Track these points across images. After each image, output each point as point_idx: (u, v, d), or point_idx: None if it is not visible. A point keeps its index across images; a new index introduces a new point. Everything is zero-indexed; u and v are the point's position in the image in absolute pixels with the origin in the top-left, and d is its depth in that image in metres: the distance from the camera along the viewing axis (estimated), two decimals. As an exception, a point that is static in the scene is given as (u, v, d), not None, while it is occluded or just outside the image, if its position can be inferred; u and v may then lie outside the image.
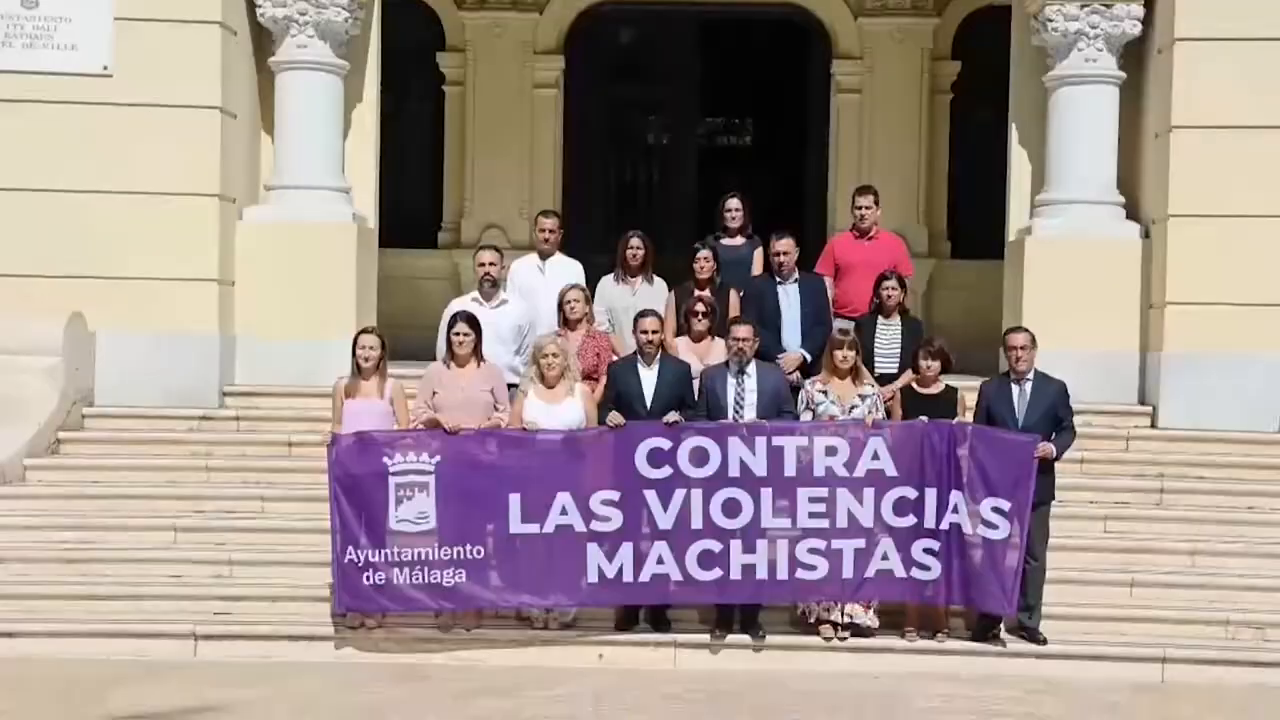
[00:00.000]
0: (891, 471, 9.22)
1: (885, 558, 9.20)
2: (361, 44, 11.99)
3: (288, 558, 9.81)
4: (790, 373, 10.13)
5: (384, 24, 12.32)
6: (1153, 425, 11.21)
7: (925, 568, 9.19)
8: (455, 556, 9.11)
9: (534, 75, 15.18)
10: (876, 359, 10.24)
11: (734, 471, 9.19)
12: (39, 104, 11.06)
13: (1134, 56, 11.68)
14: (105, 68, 11.09)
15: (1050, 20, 11.50)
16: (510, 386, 9.81)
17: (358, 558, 9.07)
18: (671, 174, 15.67)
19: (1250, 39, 10.96)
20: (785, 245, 10.57)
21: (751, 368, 9.55)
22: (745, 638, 9.30)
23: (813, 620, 9.44)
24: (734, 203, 11.14)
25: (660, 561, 9.17)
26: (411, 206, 15.19)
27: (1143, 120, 11.69)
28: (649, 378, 9.57)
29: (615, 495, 9.19)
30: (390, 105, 13.18)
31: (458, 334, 9.57)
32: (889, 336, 10.38)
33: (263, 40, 11.81)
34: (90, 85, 11.08)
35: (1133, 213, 11.67)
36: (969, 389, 9.74)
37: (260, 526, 10.16)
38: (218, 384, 11.27)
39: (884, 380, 9.99)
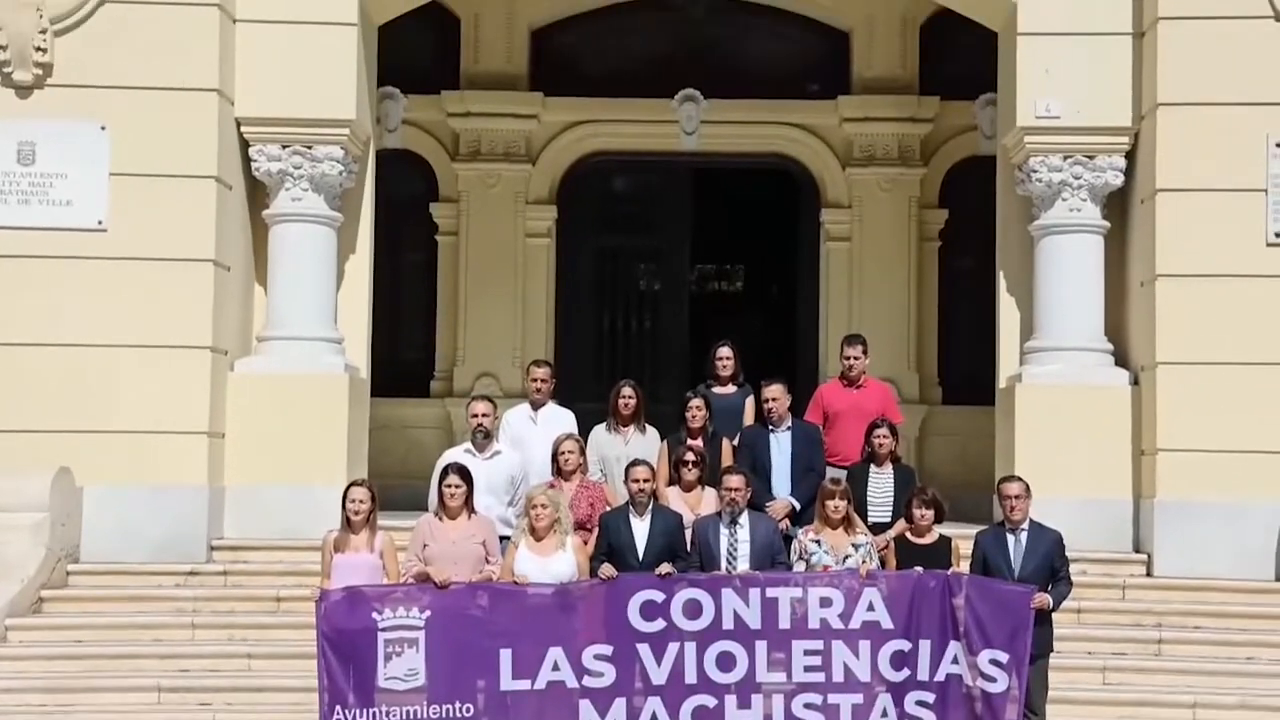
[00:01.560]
0: (887, 624, 9.11)
1: (884, 714, 9.07)
2: (355, 196, 12.12)
3: (274, 717, 9.66)
4: (779, 520, 10.10)
5: (378, 176, 12.47)
6: (1148, 573, 11.15)
7: (920, 720, 9.07)
8: (445, 714, 8.96)
9: (526, 225, 15.32)
10: (869, 508, 10.20)
11: (728, 624, 9.09)
12: (33, 259, 11.13)
13: (1117, 205, 11.82)
14: (100, 222, 11.18)
15: (1034, 171, 11.65)
16: (502, 539, 9.75)
17: (345, 717, 8.94)
18: (663, 321, 15.75)
19: (1230, 189, 11.09)
20: (775, 392, 10.60)
21: (744, 518, 9.50)
22: (742, 794, 9.14)
23: (809, 776, 9.29)
24: (725, 351, 11.19)
25: (654, 718, 9.05)
26: (404, 355, 15.25)
27: (1128, 268, 11.79)
28: (641, 529, 9.52)
29: (608, 649, 9.07)
30: (384, 255, 13.29)
31: (449, 486, 9.53)
32: (881, 485, 10.35)
33: (257, 193, 11.93)
34: (84, 240, 11.17)
35: (1121, 359, 11.73)
36: (963, 537, 9.69)
37: (246, 685, 10.02)
38: (206, 537, 11.21)
39: (877, 529, 9.94)
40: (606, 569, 9.21)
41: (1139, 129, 11.50)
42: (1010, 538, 9.40)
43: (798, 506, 10.35)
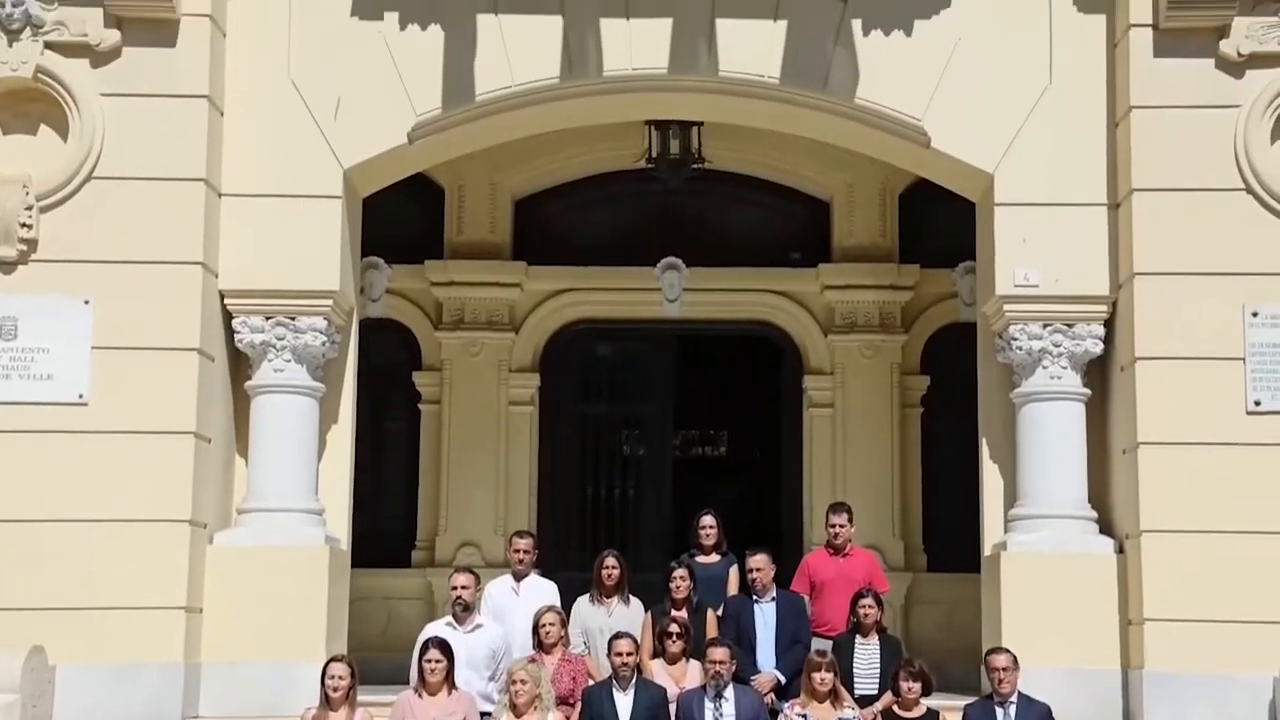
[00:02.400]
0: (876, 801, 8.99)
1: None
2: (338, 366, 12.13)
3: None
4: (765, 694, 9.99)
5: (361, 345, 12.51)
6: (1139, 745, 11.02)
7: None
8: None
9: (509, 393, 15.35)
10: (856, 680, 10.13)
11: (714, 802, 8.96)
12: (12, 434, 11.08)
13: (1098, 373, 11.88)
14: (80, 396, 11.16)
15: (1015, 339, 11.72)
16: (484, 715, 9.63)
17: None
18: (647, 488, 15.71)
19: (1209, 358, 11.17)
20: (760, 563, 10.58)
21: (729, 691, 9.42)
22: None
23: None
24: (708, 520, 11.19)
25: None
26: (386, 525, 15.16)
27: (1110, 435, 11.81)
28: (624, 703, 9.43)
29: (590, 830, 8.93)
30: (366, 423, 13.27)
31: (429, 661, 9.44)
32: (868, 656, 10.30)
33: (240, 364, 11.94)
34: (64, 414, 11.12)
35: (1106, 527, 11.69)
36: (951, 709, 9.59)
37: None
38: (180, 715, 11.01)
39: (864, 702, 9.85)
40: (589, 747, 9.10)
41: (1117, 297, 11.60)
42: (999, 711, 9.31)
43: (783, 680, 10.25)
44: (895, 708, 9.54)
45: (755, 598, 10.54)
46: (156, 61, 11.30)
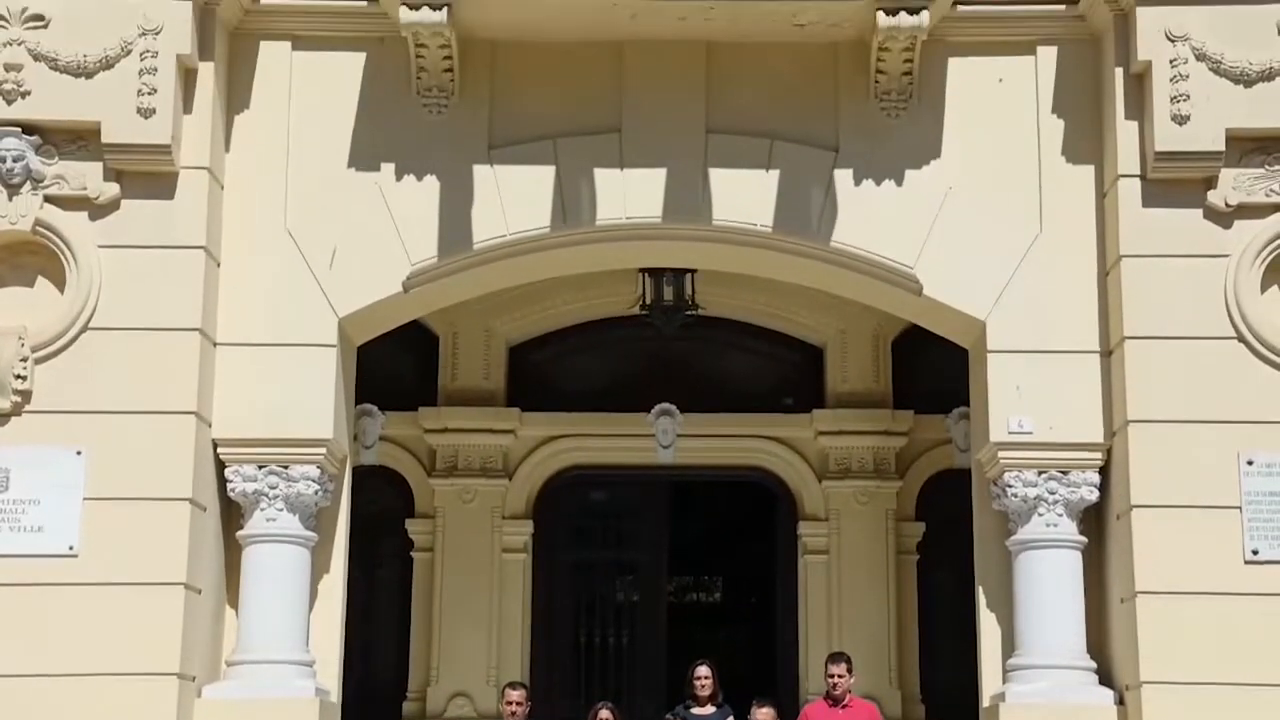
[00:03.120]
0: None
1: None
2: (331, 515, 12.07)
3: None
4: None
5: (354, 493, 12.45)
6: None
7: None
8: None
9: (503, 540, 15.29)
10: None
11: None
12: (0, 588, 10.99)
13: (1094, 520, 11.82)
14: (71, 548, 11.06)
15: (1010, 486, 11.69)
16: None
17: None
18: (641, 635, 15.59)
19: (1205, 506, 11.13)
20: (765, 715, 10.49)
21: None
22: None
23: None
24: (703, 670, 11.13)
25: None
26: (378, 674, 15.01)
27: (1107, 583, 11.73)
28: None
29: None
30: (358, 572, 13.17)
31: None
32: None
33: (231, 513, 11.87)
34: (54, 566, 10.99)
35: (1106, 678, 11.56)
36: None
37: None
38: None
39: None
40: None
41: (1111, 445, 11.59)
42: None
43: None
44: None
45: (755, 750, 10.44)
46: (154, 213, 11.38)
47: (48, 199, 11.31)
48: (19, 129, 11.25)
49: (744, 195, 11.90)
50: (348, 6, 11.92)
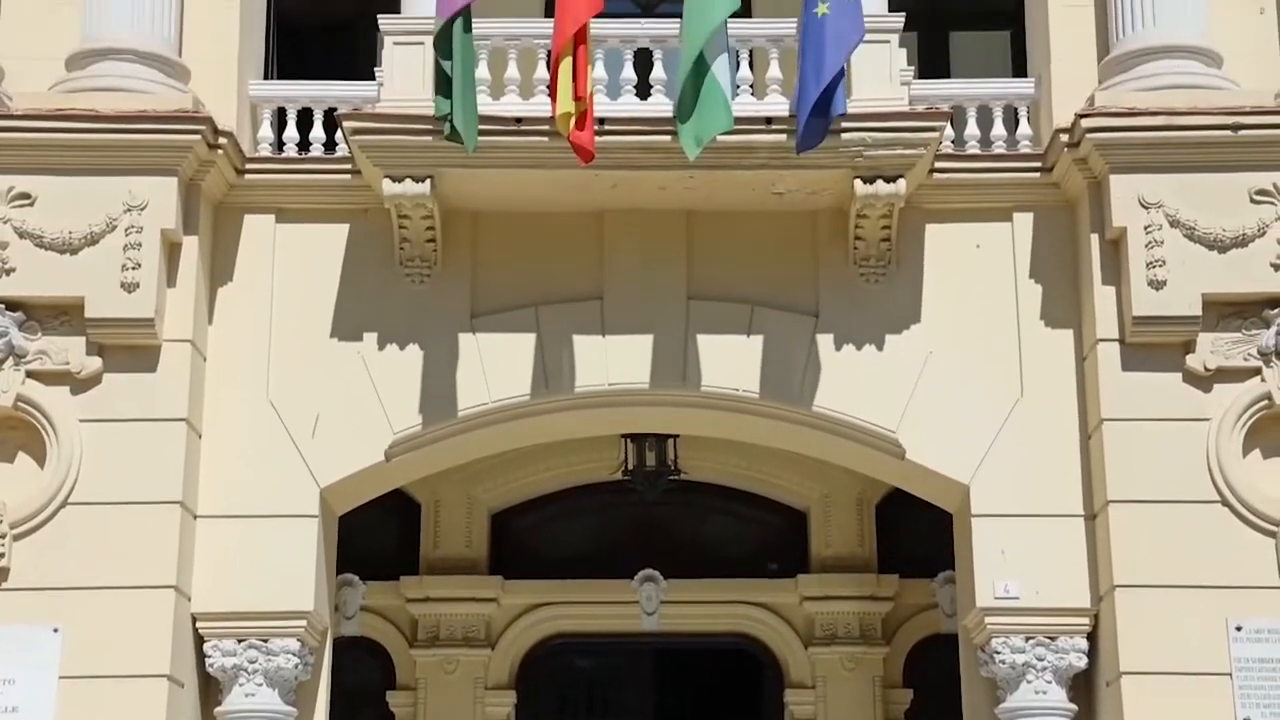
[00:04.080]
0: None
1: None
2: (310, 689, 11.88)
3: None
4: None
5: (334, 664, 12.28)
6: None
7: None
8: None
9: (485, 712, 15.09)
10: None
11: None
12: (-28, 764, 10.79)
13: (1083, 686, 11.69)
14: (45, 731, 10.88)
15: (998, 653, 11.57)
16: None
17: None
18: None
19: (1195, 673, 11.01)
20: None
21: None
22: None
23: None
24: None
25: None
26: None
27: (1100, 751, 11.59)
28: None
29: None
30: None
31: None
32: None
33: (210, 689, 11.68)
34: (29, 745, 10.83)
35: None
36: None
37: None
38: None
39: None
40: None
41: (1099, 610, 11.50)
42: None
43: None
44: None
45: None
46: (136, 386, 11.36)
47: (30, 374, 11.29)
48: (2, 305, 11.27)
49: (725, 361, 11.95)
50: (331, 180, 12.04)
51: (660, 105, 11.65)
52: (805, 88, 10.85)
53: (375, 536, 14.46)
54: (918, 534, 14.44)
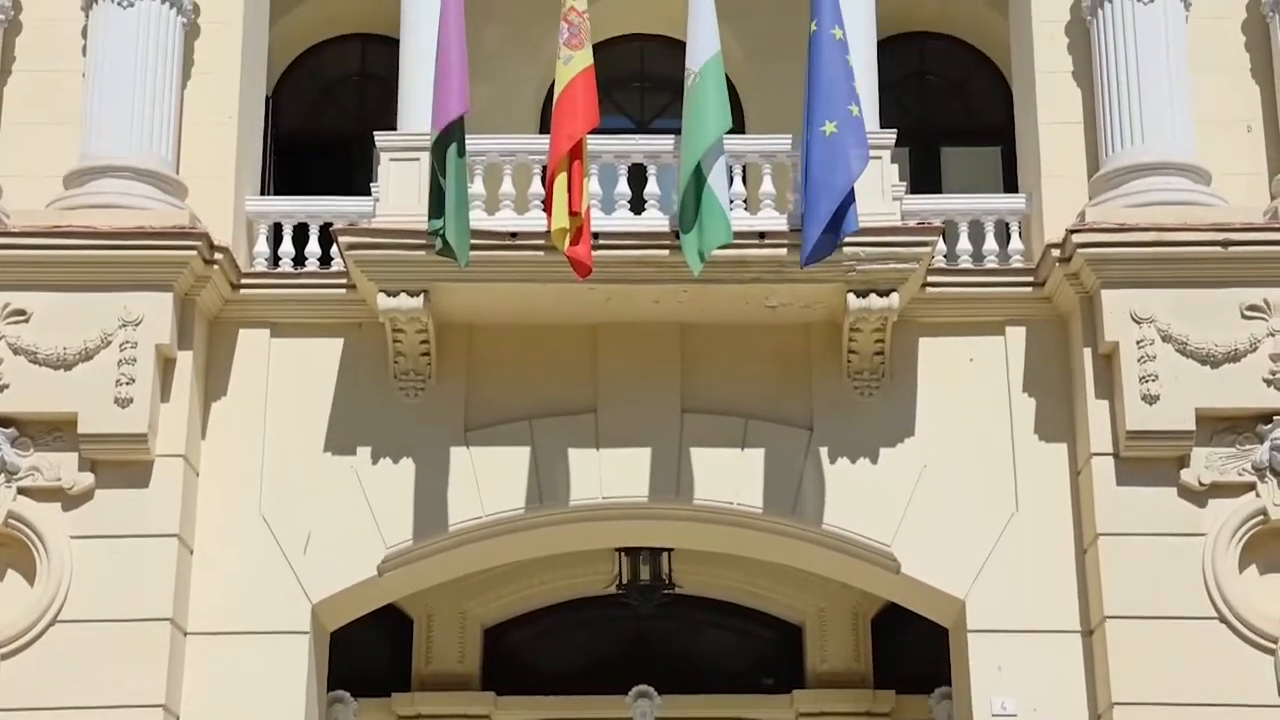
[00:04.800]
0: None
1: None
2: None
3: None
4: None
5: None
6: None
7: None
8: None
9: None
10: None
11: None
12: None
13: None
14: None
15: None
16: None
17: None
18: None
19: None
20: None
21: None
22: None
23: None
24: None
25: None
26: None
27: None
28: None
29: None
30: None
31: None
32: None
33: (200, 809, 11.54)
34: None
35: None
36: None
37: None
38: None
39: None
40: None
41: (1097, 727, 11.42)
42: None
43: None
44: None
45: None
46: (128, 503, 11.32)
47: (21, 491, 11.25)
48: (-5, 422, 11.32)
49: (720, 474, 11.93)
50: (326, 294, 12.09)
51: (654, 220, 11.73)
52: (816, 203, 10.91)
53: (367, 652, 14.33)
54: (914, 649, 14.33)
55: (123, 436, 11.24)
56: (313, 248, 12.34)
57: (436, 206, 10.97)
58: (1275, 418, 11.31)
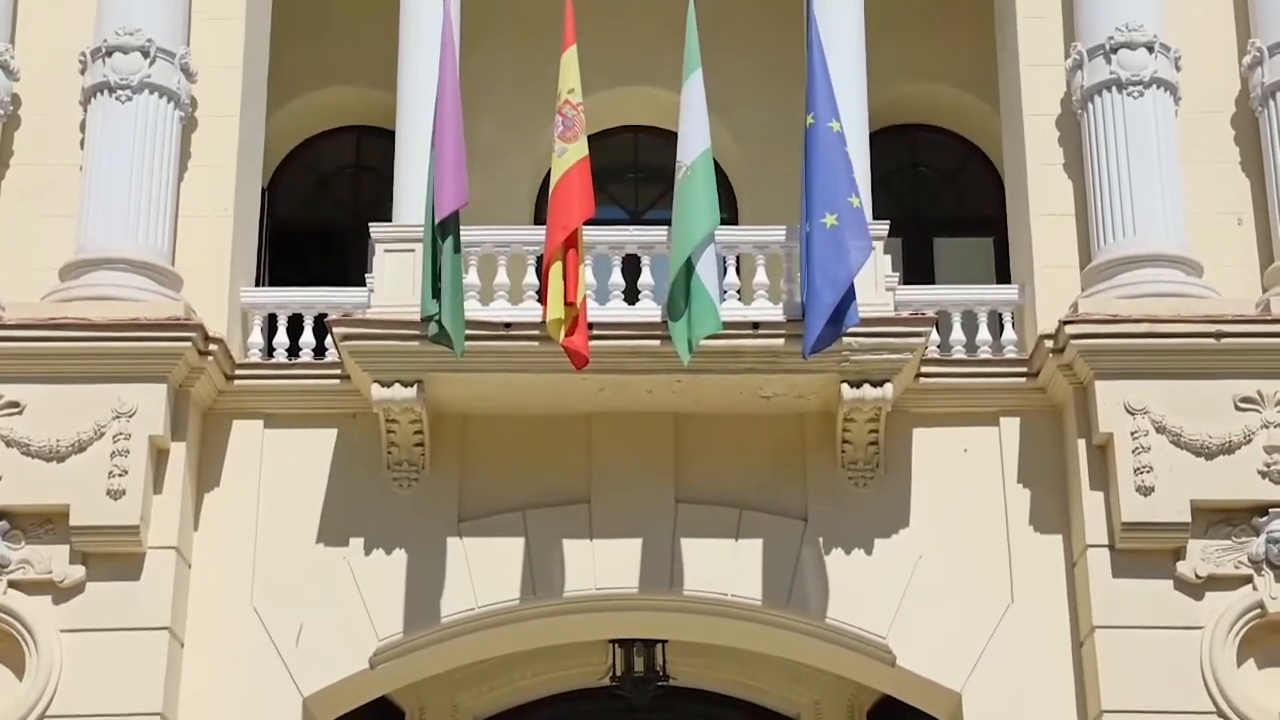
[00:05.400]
0: None
1: None
2: None
3: None
4: None
5: None
6: None
7: None
8: None
9: None
10: None
11: None
12: None
13: None
14: None
15: None
16: None
17: None
18: None
19: None
20: None
21: None
22: None
23: None
24: None
25: None
26: None
27: None
28: None
29: None
30: None
31: None
32: None
33: None
34: None
35: None
36: None
37: None
38: None
39: None
40: None
41: (1101, 822, 11.30)
42: None
43: None
44: None
45: None
46: (119, 595, 11.26)
47: (11, 584, 11.19)
48: (-13, 515, 11.28)
49: (714, 565, 11.90)
50: (320, 385, 12.11)
51: (648, 310, 11.77)
52: (820, 295, 10.96)
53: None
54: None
55: (115, 529, 11.19)
56: (307, 338, 12.36)
57: (431, 296, 10.99)
58: (1271, 510, 11.30)
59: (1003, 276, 13.75)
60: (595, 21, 13.69)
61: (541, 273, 11.31)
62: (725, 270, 11.95)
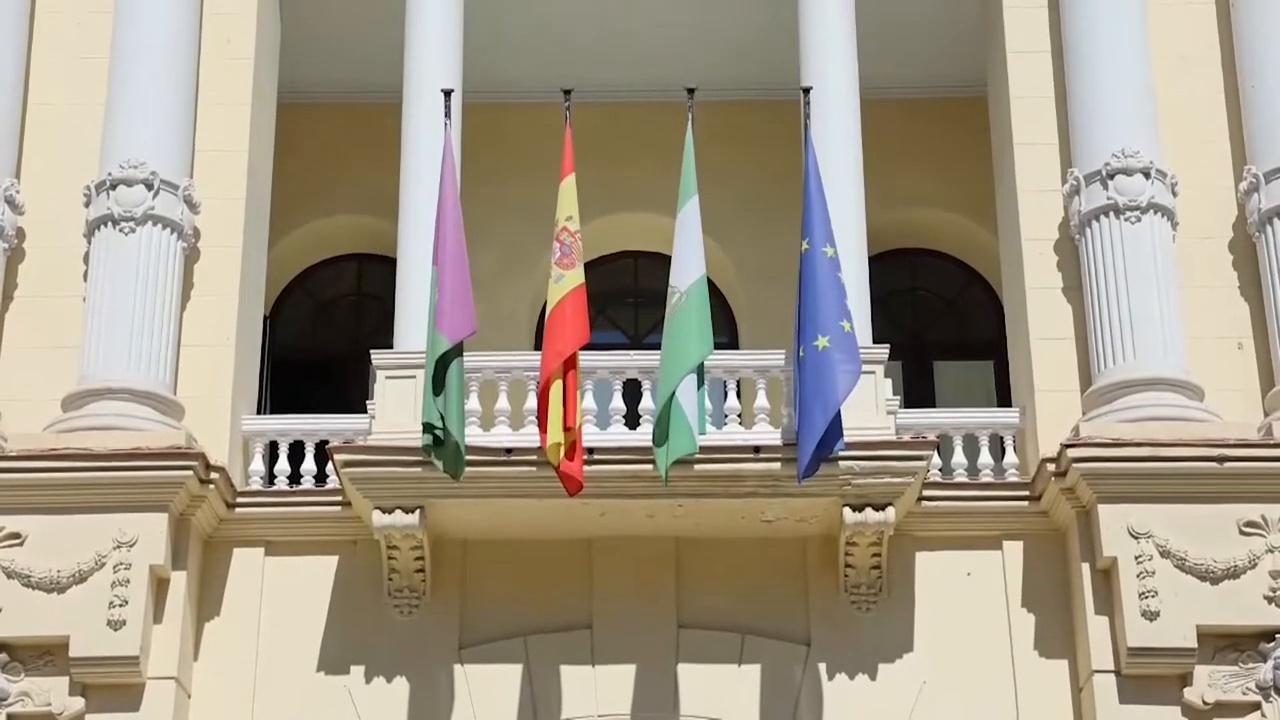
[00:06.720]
0: None
1: None
2: None
3: None
4: None
5: None
6: None
7: None
8: None
9: None
10: None
11: None
12: None
13: None
14: None
15: None
16: None
17: None
18: None
19: None
20: None
21: None
22: None
23: None
24: None
25: None
26: None
27: None
28: None
29: None
30: None
31: None
32: None
33: None
34: None
35: None
36: None
37: None
38: None
39: None
40: None
41: None
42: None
43: None
44: None
45: None
46: (119, 728, 11.21)
47: (10, 717, 11.10)
48: (-14, 646, 11.21)
49: (716, 691, 11.81)
50: (321, 512, 12.08)
51: (648, 435, 11.73)
52: (811, 418, 10.97)
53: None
54: None
55: (115, 659, 11.11)
56: (309, 465, 12.36)
57: (429, 420, 10.99)
58: (1278, 636, 11.21)
59: (1003, 400, 13.78)
60: (596, 147, 13.85)
61: (539, 398, 11.32)
62: (726, 394, 11.97)
